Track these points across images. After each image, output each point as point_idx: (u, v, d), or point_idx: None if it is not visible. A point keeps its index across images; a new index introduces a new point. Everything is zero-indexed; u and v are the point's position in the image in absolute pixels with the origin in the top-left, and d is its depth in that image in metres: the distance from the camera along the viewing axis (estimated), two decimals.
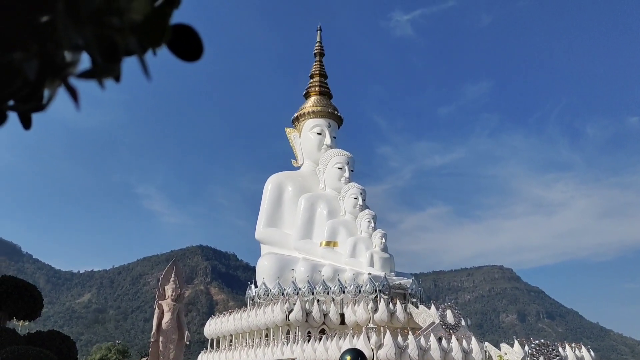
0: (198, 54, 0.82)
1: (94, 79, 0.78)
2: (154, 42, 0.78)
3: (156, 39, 0.78)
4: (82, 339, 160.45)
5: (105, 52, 0.77)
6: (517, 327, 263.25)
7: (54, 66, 0.74)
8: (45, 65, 0.74)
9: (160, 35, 0.77)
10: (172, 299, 22.73)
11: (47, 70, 0.74)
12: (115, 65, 0.79)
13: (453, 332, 39.86)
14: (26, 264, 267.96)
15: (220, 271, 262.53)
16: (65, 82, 0.77)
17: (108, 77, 0.78)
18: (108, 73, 0.78)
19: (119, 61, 0.79)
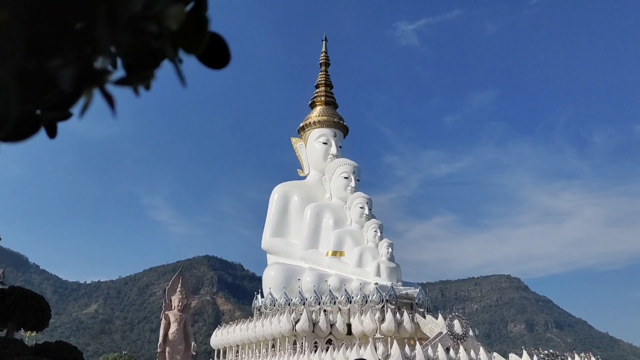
0: (225, 61, 0.81)
1: (129, 86, 0.77)
2: (192, 48, 0.77)
3: (194, 45, 0.76)
4: (89, 349, 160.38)
5: (143, 58, 0.76)
6: (526, 337, 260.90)
7: (92, 73, 0.73)
8: (83, 72, 0.73)
9: (198, 41, 0.76)
10: (178, 309, 22.75)
11: (85, 77, 0.73)
12: (152, 72, 0.78)
13: (461, 342, 39.57)
14: (33, 275, 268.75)
15: (227, 281, 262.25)
16: (102, 89, 0.76)
17: (143, 84, 0.78)
18: (144, 80, 0.77)
19: (156, 68, 0.78)
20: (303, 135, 58.01)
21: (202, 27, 0.76)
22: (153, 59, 0.78)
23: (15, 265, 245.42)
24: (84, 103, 0.77)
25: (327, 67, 61.94)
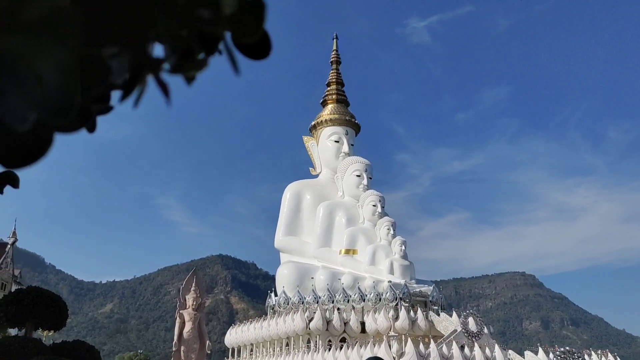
0: (266, 51, 0.79)
1: (182, 74, 0.76)
2: (249, 34, 0.75)
3: (251, 31, 0.75)
4: (105, 348, 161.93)
5: (195, 46, 0.75)
6: (541, 334, 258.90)
7: (147, 61, 0.72)
8: (139, 60, 0.71)
9: (256, 26, 0.74)
10: (193, 308, 22.86)
11: (140, 65, 0.72)
12: (206, 60, 0.77)
13: (476, 340, 39.38)
14: (49, 275, 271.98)
15: (240, 280, 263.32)
16: (157, 77, 0.74)
17: (198, 71, 0.76)
18: (198, 68, 0.75)
19: (211, 55, 0.76)
20: (315, 133, 58.04)
21: (260, 12, 0.74)
22: (207, 47, 0.76)
23: (31, 265, 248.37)
24: (137, 93, 0.76)
25: (338, 65, 61.90)
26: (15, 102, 0.60)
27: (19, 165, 0.65)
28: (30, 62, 0.60)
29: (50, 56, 0.61)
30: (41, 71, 0.60)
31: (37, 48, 0.60)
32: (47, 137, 0.66)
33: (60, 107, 0.63)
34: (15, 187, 1.02)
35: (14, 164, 0.65)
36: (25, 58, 0.60)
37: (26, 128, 0.60)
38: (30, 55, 0.60)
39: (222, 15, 0.73)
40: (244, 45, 0.79)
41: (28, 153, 0.65)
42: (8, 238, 69.25)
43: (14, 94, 0.60)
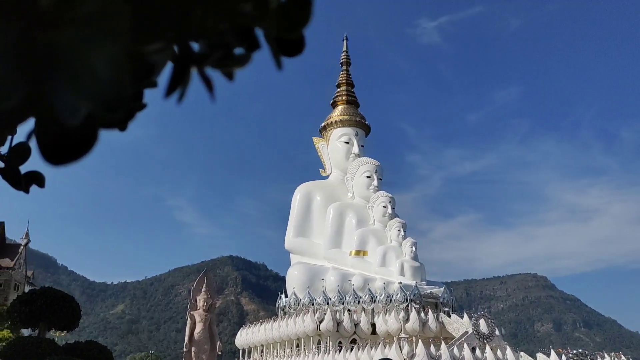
0: (301, 48, 0.78)
1: (226, 69, 0.75)
2: (295, 28, 0.74)
3: (298, 25, 0.73)
4: (117, 349, 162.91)
5: (242, 40, 0.74)
6: (553, 336, 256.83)
7: (192, 56, 0.71)
8: (183, 55, 0.71)
9: (302, 20, 0.73)
10: (203, 309, 22.90)
11: (185, 60, 0.71)
12: (249, 55, 0.75)
13: (487, 342, 39.15)
14: (62, 276, 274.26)
15: (251, 281, 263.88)
16: (202, 73, 0.73)
17: (240, 67, 0.75)
18: (241, 63, 0.74)
19: (255, 50, 0.75)
20: (325, 135, 58.04)
21: (307, 6, 0.73)
22: (254, 41, 0.75)
23: (44, 266, 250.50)
24: (181, 88, 0.75)
25: (348, 67, 61.88)
26: (68, 95, 0.59)
27: (64, 161, 0.65)
28: (83, 56, 0.60)
29: (103, 51, 0.61)
30: (94, 65, 0.60)
31: (89, 42, 0.60)
32: (92, 133, 0.66)
33: (112, 101, 0.63)
34: (41, 186, 1.01)
35: (59, 159, 0.65)
36: (78, 52, 0.60)
37: (76, 122, 0.60)
38: (83, 49, 0.60)
39: (269, 9, 0.72)
40: (280, 41, 0.78)
41: (73, 149, 0.65)
42: (21, 239, 69.96)
43: (68, 88, 0.59)
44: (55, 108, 0.59)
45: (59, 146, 0.64)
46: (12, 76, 0.57)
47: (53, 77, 0.59)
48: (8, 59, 0.56)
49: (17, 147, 1.01)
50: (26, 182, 0.99)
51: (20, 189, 0.99)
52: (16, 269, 65.29)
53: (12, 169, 1.00)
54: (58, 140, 0.64)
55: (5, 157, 1.01)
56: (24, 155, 1.00)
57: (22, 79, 0.58)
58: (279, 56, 0.78)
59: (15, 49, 0.57)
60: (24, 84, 0.58)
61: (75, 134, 0.64)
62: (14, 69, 0.57)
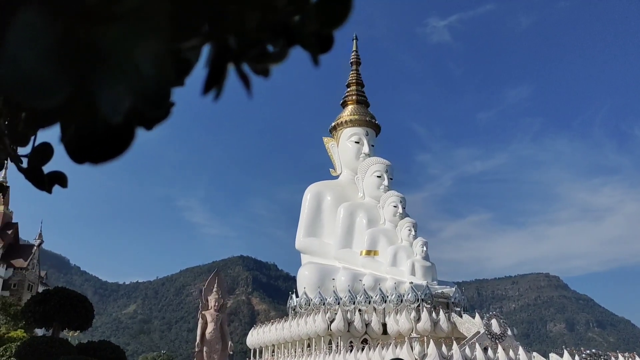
0: (330, 44, 0.76)
1: (264, 65, 0.74)
2: (334, 25, 0.72)
3: (337, 19, 0.71)
4: (129, 349, 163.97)
5: (278, 36, 0.73)
6: (566, 336, 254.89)
7: (229, 52, 0.70)
8: (220, 52, 0.70)
9: (343, 16, 0.71)
10: (215, 309, 22.96)
11: (222, 57, 0.70)
12: (286, 51, 0.74)
13: (499, 342, 38.93)
14: (74, 276, 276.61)
15: (261, 281, 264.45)
16: (240, 70, 0.72)
17: (277, 63, 0.74)
18: (278, 59, 0.73)
19: (292, 46, 0.74)
20: (335, 134, 58.02)
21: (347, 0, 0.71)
22: (287, 38, 0.74)
23: (57, 267, 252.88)
24: (218, 86, 0.73)
25: (358, 66, 61.79)
26: (112, 92, 0.59)
27: (101, 159, 0.65)
28: (127, 53, 0.59)
29: (146, 47, 0.60)
30: (138, 62, 0.60)
31: (133, 38, 0.60)
32: (129, 132, 0.65)
33: (156, 98, 0.62)
34: (64, 186, 1.01)
35: (96, 158, 0.64)
36: (122, 48, 0.59)
37: (119, 119, 0.59)
38: (127, 45, 0.59)
39: (309, 3, 0.71)
40: (312, 36, 0.76)
41: (111, 147, 0.64)
42: (34, 240, 70.68)
43: (112, 84, 0.59)
44: (99, 105, 0.59)
45: (96, 145, 0.64)
46: (57, 73, 0.56)
47: (97, 74, 0.58)
48: (52, 56, 0.56)
49: (39, 147, 1.02)
50: (49, 182, 0.99)
51: (44, 189, 0.99)
52: (30, 269, 65.96)
53: (36, 169, 0.99)
54: (95, 139, 0.64)
55: (28, 157, 1.03)
56: (46, 156, 1.01)
57: (67, 76, 0.57)
58: (317, 52, 0.77)
59: (59, 46, 0.57)
60: (69, 81, 0.57)
61: (113, 133, 0.64)
62: (58, 66, 0.57)
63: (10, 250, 66.05)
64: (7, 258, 64.64)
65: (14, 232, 68.73)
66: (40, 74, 0.55)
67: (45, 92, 0.56)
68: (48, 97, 0.56)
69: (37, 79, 0.55)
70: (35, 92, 0.55)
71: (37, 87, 0.55)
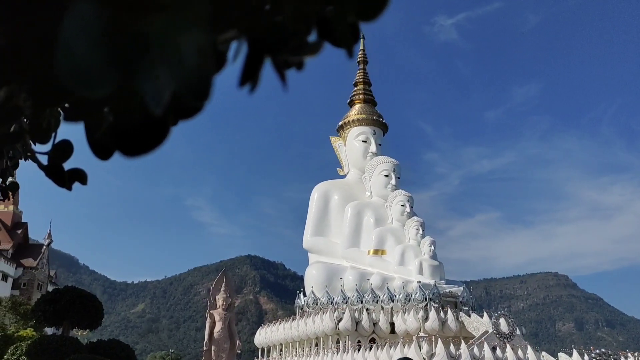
0: (357, 36, 0.75)
1: (299, 57, 0.73)
2: (372, 16, 0.71)
3: (375, 12, 0.71)
4: (137, 348, 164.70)
5: (314, 29, 0.72)
6: (575, 336, 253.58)
7: (266, 45, 0.69)
8: (257, 45, 0.69)
9: (382, 4, 0.70)
10: (223, 308, 23.02)
11: (259, 49, 0.69)
12: (321, 42, 0.73)
13: (508, 342, 38.78)
14: (83, 275, 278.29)
15: (269, 280, 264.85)
16: (277, 62, 0.71)
17: (313, 55, 0.73)
18: (313, 51, 0.72)
19: (327, 37, 0.73)
20: (342, 133, 57.99)
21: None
22: (322, 30, 0.73)
23: (66, 266, 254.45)
24: (254, 78, 0.72)
25: (365, 65, 61.71)
26: (157, 83, 0.58)
27: (136, 153, 0.64)
28: (172, 43, 0.59)
29: (190, 38, 0.60)
30: (182, 52, 0.59)
31: (178, 29, 0.59)
32: (165, 125, 0.64)
33: (199, 89, 0.62)
34: (84, 183, 1.02)
35: (131, 151, 0.64)
36: (167, 39, 0.59)
37: (160, 111, 0.59)
38: (172, 36, 0.59)
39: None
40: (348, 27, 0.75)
41: (147, 141, 0.64)
42: (44, 239, 71.17)
43: (156, 75, 0.59)
44: (142, 96, 0.58)
45: (132, 137, 0.63)
46: (106, 63, 0.56)
47: (142, 64, 0.58)
48: (101, 46, 0.56)
49: (60, 144, 1.02)
50: (69, 180, 1.00)
51: (64, 187, 0.99)
52: (39, 268, 66.43)
53: (56, 166, 1.00)
54: (133, 131, 0.63)
55: (48, 154, 1.03)
56: (66, 153, 1.01)
57: (115, 66, 0.57)
58: (352, 43, 0.76)
59: (108, 36, 0.57)
60: (117, 71, 0.57)
61: (149, 126, 0.63)
62: (107, 56, 0.57)
63: (20, 249, 66.57)
64: (17, 257, 65.14)
65: (23, 231, 69.25)
66: (91, 64, 0.55)
67: (95, 82, 0.56)
68: (97, 87, 0.56)
69: (88, 68, 0.55)
70: (85, 81, 0.56)
71: (87, 76, 0.55)
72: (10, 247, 64.79)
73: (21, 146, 2.02)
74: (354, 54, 0.80)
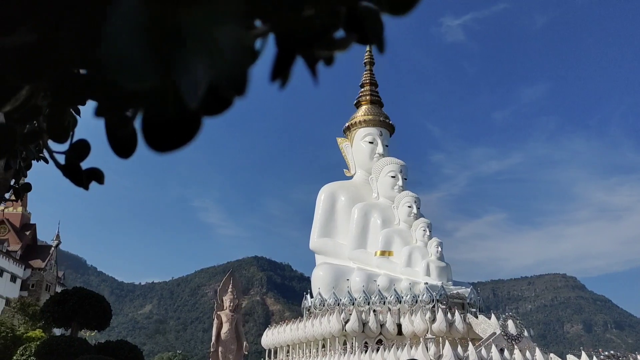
0: (381, 30, 0.74)
1: (330, 52, 0.72)
2: (403, 10, 0.70)
3: (407, 6, 0.69)
4: (145, 349, 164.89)
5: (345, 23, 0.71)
6: (583, 337, 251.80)
7: (297, 40, 0.68)
8: (288, 39, 0.68)
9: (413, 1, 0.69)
10: (230, 309, 23.08)
11: (290, 44, 0.68)
12: (353, 37, 0.72)
13: (515, 343, 38.60)
14: (91, 277, 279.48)
15: (276, 282, 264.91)
16: (308, 57, 0.70)
17: (344, 50, 0.72)
18: (345, 45, 0.71)
19: (357, 31, 0.72)
20: (349, 135, 57.98)
21: None
22: (353, 24, 0.72)
23: (74, 267, 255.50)
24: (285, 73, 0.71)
25: (371, 66, 61.69)
26: (194, 75, 0.58)
27: (167, 148, 0.63)
28: (211, 35, 0.59)
29: (228, 30, 0.59)
30: (221, 44, 0.59)
31: (216, 21, 0.59)
32: (196, 120, 0.64)
33: (237, 81, 0.61)
34: (101, 183, 1.02)
35: (162, 146, 0.63)
36: (206, 31, 0.58)
37: (196, 104, 0.58)
38: (211, 28, 0.59)
39: None
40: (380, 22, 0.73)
41: (179, 136, 0.63)
42: (52, 241, 71.58)
43: (194, 67, 0.58)
44: (180, 88, 0.58)
45: (166, 132, 0.62)
46: (148, 55, 0.56)
47: (180, 56, 0.58)
48: (142, 39, 0.56)
49: (77, 143, 1.04)
50: (87, 179, 1.00)
51: (81, 186, 0.99)
52: (47, 269, 66.79)
53: (74, 165, 1.00)
54: (164, 126, 0.62)
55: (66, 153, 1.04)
56: (84, 152, 1.02)
57: (156, 58, 0.57)
58: (382, 39, 0.75)
59: (149, 28, 0.57)
60: (158, 64, 0.57)
61: (181, 121, 0.62)
62: (149, 48, 0.56)
63: (29, 251, 66.97)
64: (26, 259, 65.53)
65: (32, 233, 69.67)
66: (135, 56, 0.55)
67: (140, 75, 0.56)
68: (142, 79, 0.56)
69: (132, 61, 0.55)
70: (131, 74, 0.55)
71: (132, 69, 0.55)
72: (19, 249, 65.19)
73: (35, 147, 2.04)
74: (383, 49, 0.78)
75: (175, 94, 0.59)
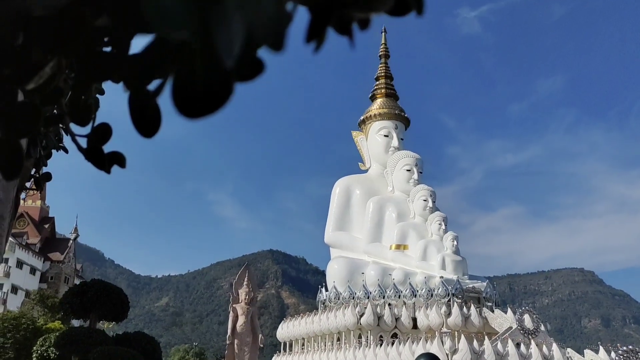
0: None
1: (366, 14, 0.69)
2: None
3: None
4: (161, 341, 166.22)
5: None
6: (601, 332, 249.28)
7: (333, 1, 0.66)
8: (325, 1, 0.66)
9: None
10: (245, 302, 23.20)
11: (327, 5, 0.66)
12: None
13: (532, 338, 38.33)
14: (108, 269, 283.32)
15: (291, 275, 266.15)
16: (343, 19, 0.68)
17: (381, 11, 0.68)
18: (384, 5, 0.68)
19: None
20: (364, 128, 57.82)
21: None
22: None
23: (92, 260, 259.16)
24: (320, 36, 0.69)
25: (387, 59, 61.34)
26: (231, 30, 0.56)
27: (198, 114, 0.62)
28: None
29: None
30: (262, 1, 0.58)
31: None
32: (227, 85, 0.62)
33: (275, 37, 0.60)
34: (122, 166, 1.02)
35: (194, 112, 0.61)
36: None
37: (232, 62, 0.57)
38: None
39: None
40: None
41: (209, 101, 0.61)
42: (70, 234, 72.63)
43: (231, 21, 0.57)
44: (216, 42, 0.57)
45: (196, 97, 0.61)
46: (185, 6, 0.56)
47: (217, 9, 0.57)
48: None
49: (99, 127, 1.02)
50: (109, 163, 1.00)
51: (103, 169, 1.00)
52: (66, 262, 67.82)
53: (96, 149, 1.00)
54: (195, 91, 0.61)
55: (88, 137, 1.03)
56: (106, 136, 1.01)
57: (192, 8, 0.56)
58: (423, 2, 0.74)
59: None
60: (195, 13, 0.56)
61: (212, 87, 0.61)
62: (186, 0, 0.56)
63: (48, 244, 68.03)
64: (45, 251, 66.57)
65: (50, 226, 70.75)
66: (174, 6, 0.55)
67: (178, 23, 0.55)
68: (180, 28, 0.55)
69: (171, 9, 0.55)
70: (169, 22, 0.55)
71: (171, 17, 0.55)
72: (38, 242, 66.23)
73: (55, 136, 2.05)
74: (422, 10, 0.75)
75: (208, 56, 0.57)
